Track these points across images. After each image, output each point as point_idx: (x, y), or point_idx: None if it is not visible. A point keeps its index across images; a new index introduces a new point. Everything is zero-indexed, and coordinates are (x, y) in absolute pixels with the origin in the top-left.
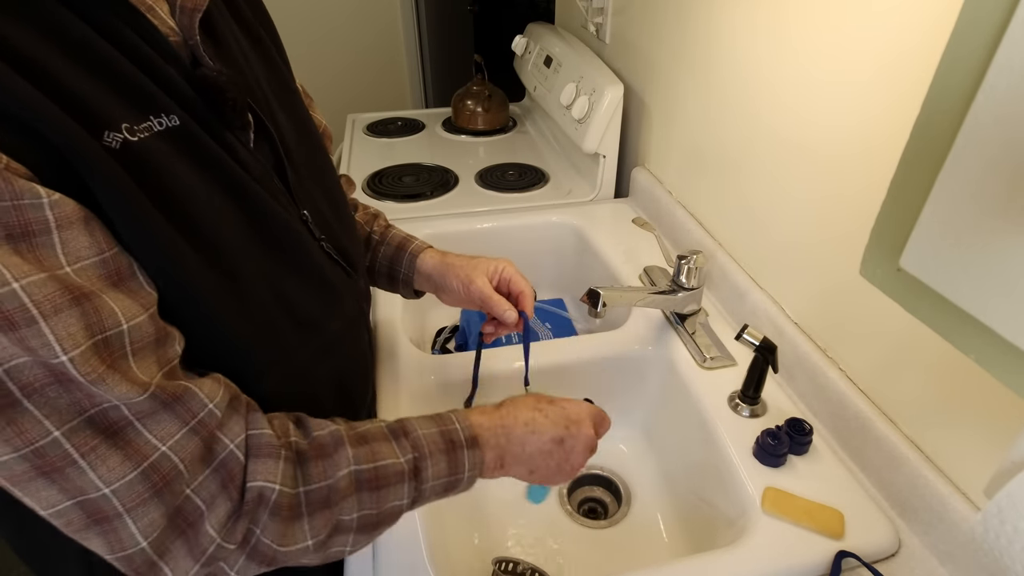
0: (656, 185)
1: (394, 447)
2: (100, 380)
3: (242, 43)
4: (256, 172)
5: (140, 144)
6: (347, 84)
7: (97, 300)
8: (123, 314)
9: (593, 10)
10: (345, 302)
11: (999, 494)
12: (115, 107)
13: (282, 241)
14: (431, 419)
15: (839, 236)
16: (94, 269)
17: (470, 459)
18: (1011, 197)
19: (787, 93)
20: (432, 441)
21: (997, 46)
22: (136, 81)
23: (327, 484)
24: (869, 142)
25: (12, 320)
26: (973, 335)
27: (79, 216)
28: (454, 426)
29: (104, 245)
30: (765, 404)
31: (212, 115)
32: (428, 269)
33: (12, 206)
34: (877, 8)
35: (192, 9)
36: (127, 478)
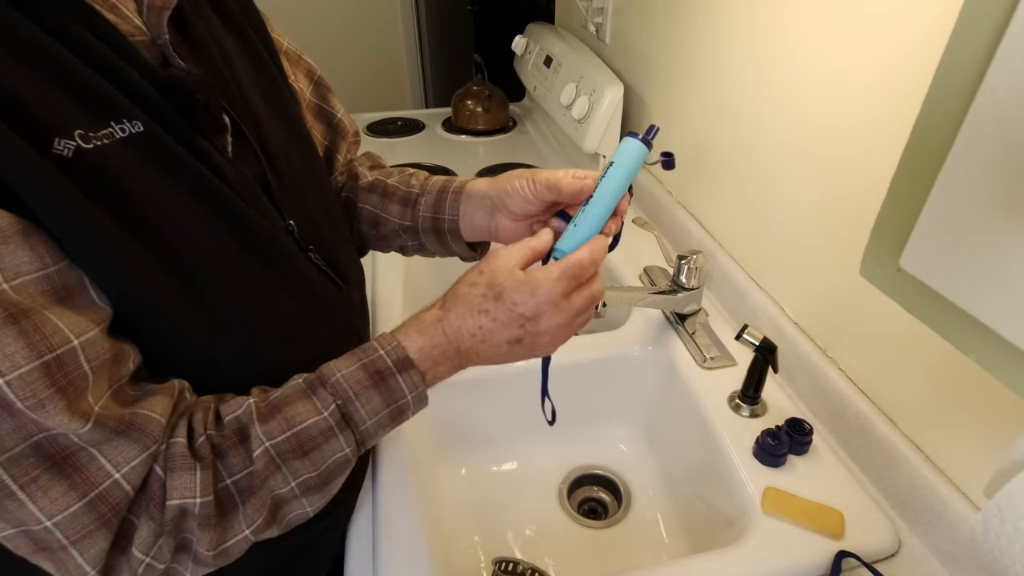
0: (656, 185)
1: (314, 403)
2: (40, 406)
3: (224, 42)
4: (234, 180)
5: (96, 152)
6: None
7: (38, 317)
8: (70, 330)
9: (593, 10)
10: (334, 316)
11: (999, 494)
12: (67, 113)
13: (263, 252)
14: (352, 354)
15: (839, 236)
16: (36, 285)
17: (407, 382)
18: (1011, 197)
19: (787, 93)
20: (355, 380)
21: (997, 46)
22: (92, 85)
23: (248, 471)
24: (869, 142)
25: None
26: (973, 335)
27: (16, 230)
28: (377, 354)
29: (48, 259)
30: (765, 404)
31: (182, 119)
32: (481, 188)
33: None
34: (876, 8)
35: (160, 7)
36: (70, 510)
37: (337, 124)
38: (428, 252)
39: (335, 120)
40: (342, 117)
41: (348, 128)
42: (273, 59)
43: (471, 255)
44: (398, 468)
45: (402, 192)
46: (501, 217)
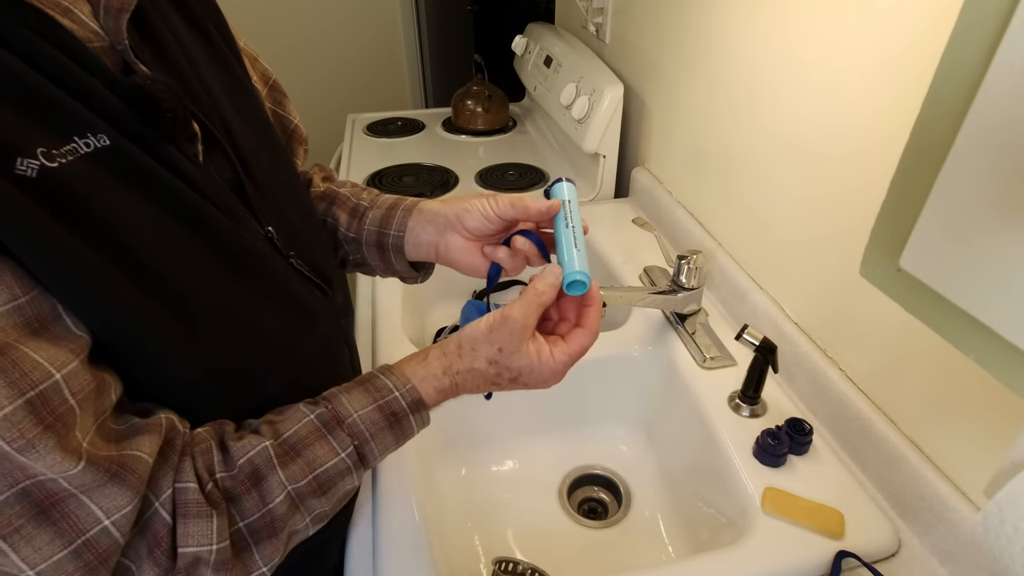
0: (656, 185)
1: (331, 444)
2: (29, 447)
3: (189, 43)
4: (207, 189)
5: (61, 170)
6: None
7: (14, 352)
8: (50, 364)
9: (593, 10)
10: (321, 323)
11: (999, 494)
12: (27, 130)
13: (244, 264)
14: (365, 391)
15: (839, 236)
16: (7, 318)
17: (418, 422)
18: (1011, 197)
19: (787, 93)
20: (371, 422)
21: (997, 46)
22: (51, 98)
23: (266, 510)
24: (869, 142)
25: None
26: (973, 335)
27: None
28: (393, 396)
29: (18, 290)
30: (765, 404)
31: (149, 130)
32: (435, 206)
33: None
34: (876, 9)
35: (118, 9)
36: (54, 558)
37: (293, 131)
38: (367, 269)
39: (291, 127)
40: (298, 123)
41: (303, 135)
42: (237, 59)
43: (412, 275)
44: (398, 468)
45: (352, 203)
46: (453, 235)
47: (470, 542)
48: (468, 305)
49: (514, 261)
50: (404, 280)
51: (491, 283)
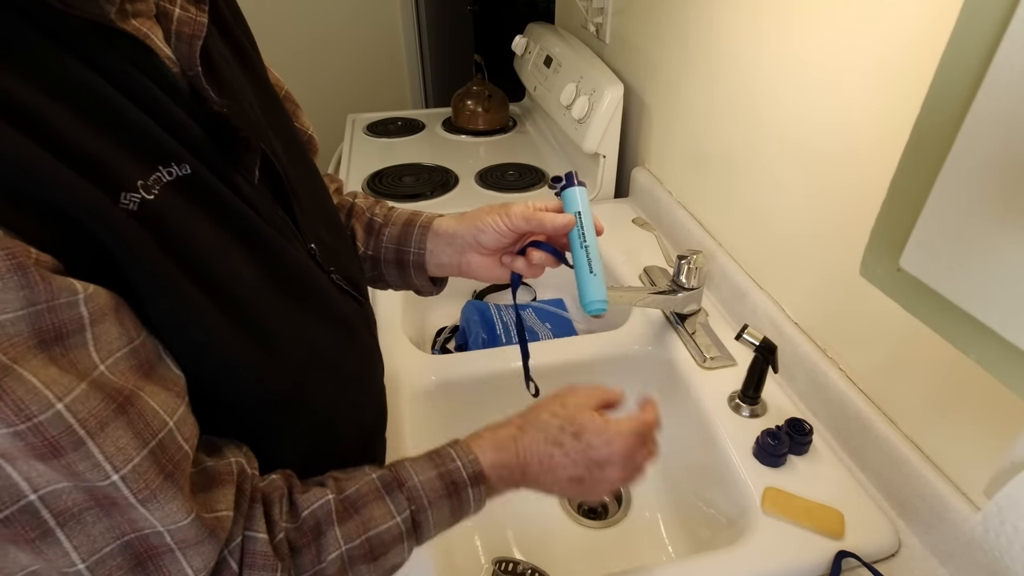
0: (656, 185)
1: (388, 505)
2: (152, 498)
3: (230, 61)
4: (263, 210)
5: (156, 202)
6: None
7: (139, 402)
8: (164, 410)
9: (593, 10)
10: (360, 335)
11: (999, 494)
12: (127, 163)
13: (297, 283)
14: (429, 460)
15: (839, 236)
16: (125, 361)
17: (475, 496)
18: (1011, 197)
19: (787, 93)
20: (431, 489)
21: (997, 46)
22: (144, 129)
23: (319, 568)
24: (869, 142)
25: (58, 446)
26: (973, 335)
27: (111, 306)
28: (455, 464)
29: (133, 332)
30: (765, 404)
31: (220, 155)
32: (450, 227)
33: (47, 308)
34: (875, 9)
35: (191, 35)
36: None
37: (307, 142)
38: (383, 284)
39: (305, 138)
40: (312, 134)
41: (316, 146)
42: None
43: (433, 290)
44: None
45: (366, 218)
46: (472, 254)
47: (470, 542)
48: (468, 305)
49: (532, 270)
50: (420, 293)
51: (515, 289)
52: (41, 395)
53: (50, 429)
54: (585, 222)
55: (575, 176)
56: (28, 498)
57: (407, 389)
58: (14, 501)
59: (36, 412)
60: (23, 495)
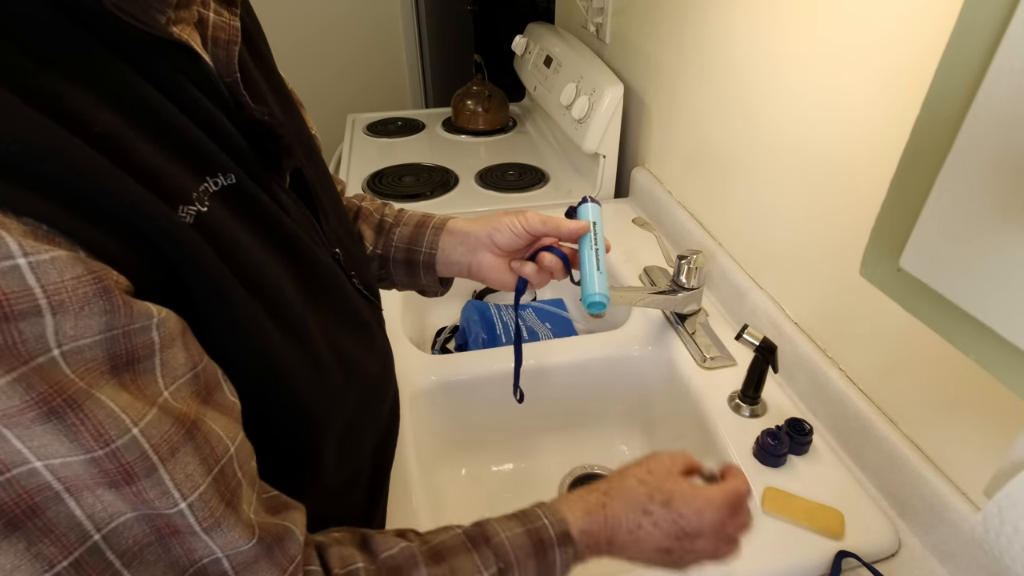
0: (656, 185)
1: (475, 559)
2: (216, 525)
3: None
4: (295, 216)
5: (208, 214)
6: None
7: (204, 427)
8: (226, 435)
9: (593, 10)
10: (378, 339)
11: (999, 494)
12: (182, 177)
13: (327, 290)
14: (515, 518)
15: (839, 236)
16: (188, 387)
17: (562, 558)
18: (1011, 197)
19: (787, 92)
20: (518, 546)
21: (997, 46)
22: (194, 139)
23: None
24: (870, 143)
25: (132, 473)
26: (973, 335)
27: (179, 331)
28: (542, 523)
29: (197, 357)
30: (765, 404)
31: (264, 164)
32: (464, 226)
33: (122, 333)
34: (876, 11)
35: (228, 41)
36: None
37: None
38: (388, 284)
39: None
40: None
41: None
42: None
43: (439, 290)
44: (399, 468)
45: (376, 219)
46: (484, 253)
47: None
48: (468, 305)
49: (540, 276)
50: (426, 294)
51: (519, 295)
52: (119, 420)
53: (126, 455)
54: (598, 231)
55: (591, 197)
56: (93, 539)
57: (407, 389)
58: (81, 542)
59: (114, 437)
60: (88, 536)
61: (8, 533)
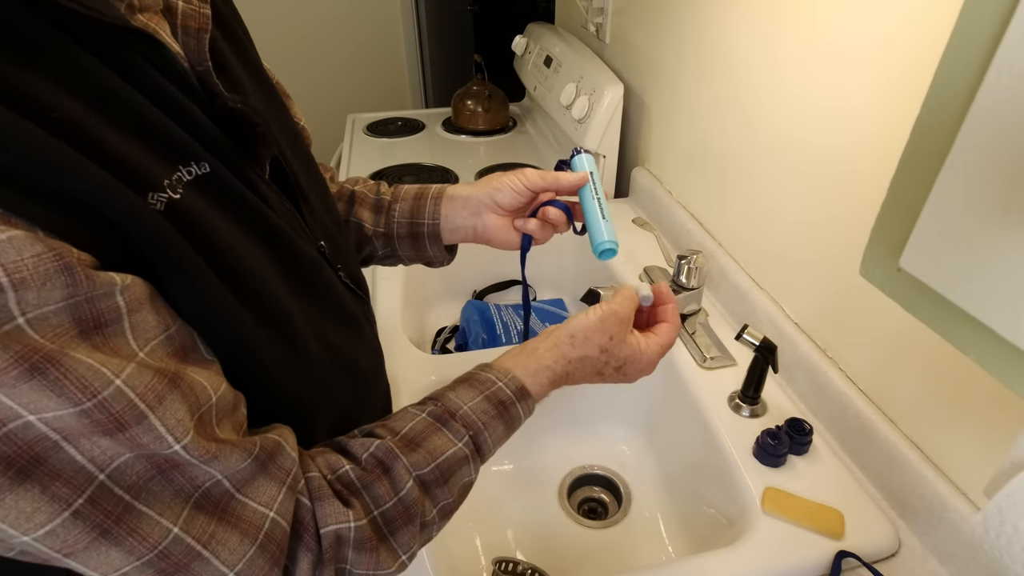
0: (656, 185)
1: (447, 435)
2: (213, 458)
3: (230, 55)
4: (276, 207)
5: (180, 201)
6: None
7: (187, 377)
8: (209, 385)
9: (593, 10)
10: (365, 332)
11: (999, 494)
12: (153, 164)
13: (310, 280)
14: (468, 385)
15: (839, 236)
16: (163, 347)
17: (524, 408)
18: (1011, 197)
19: (787, 92)
20: (482, 412)
21: (997, 46)
22: (164, 128)
23: (397, 498)
24: (869, 144)
25: (122, 420)
26: (973, 335)
27: (146, 295)
28: (496, 386)
29: (169, 320)
30: (765, 404)
31: (236, 152)
32: (464, 191)
33: (84, 299)
34: (876, 11)
35: (198, 29)
36: (247, 555)
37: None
38: (394, 260)
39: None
40: (304, 126)
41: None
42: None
43: (446, 258)
44: None
45: (372, 199)
46: (488, 215)
47: (470, 542)
48: (468, 305)
49: (544, 231)
50: (432, 265)
51: (524, 252)
52: (100, 373)
53: (114, 405)
54: (596, 180)
55: (581, 148)
56: (99, 478)
57: (407, 389)
58: (89, 482)
59: (99, 389)
60: (94, 477)
61: (22, 480)
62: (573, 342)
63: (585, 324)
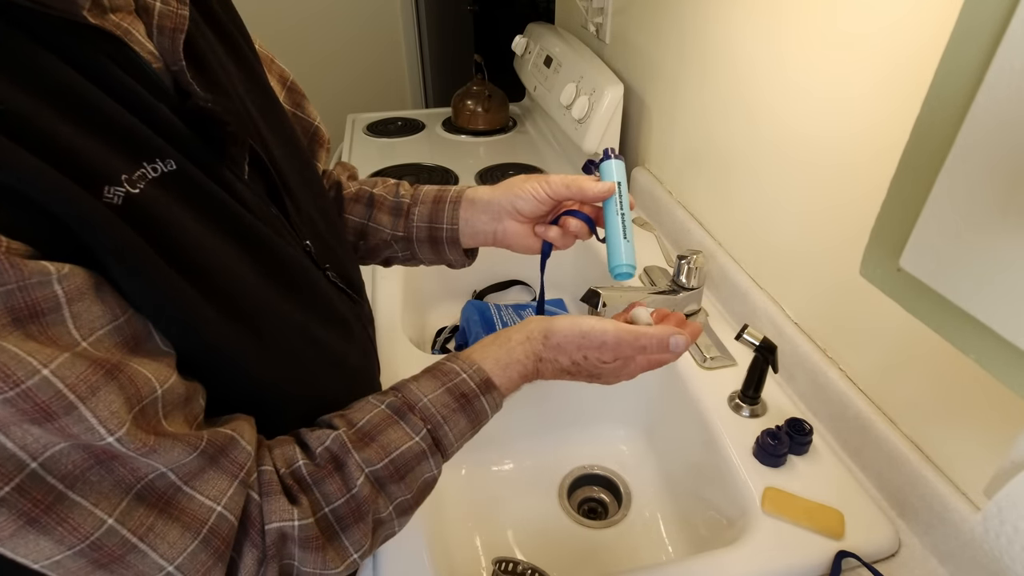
0: (656, 185)
1: (404, 428)
2: (152, 451)
3: (220, 55)
4: (254, 206)
5: (140, 196)
6: (347, 84)
7: (128, 369)
8: (155, 378)
9: (593, 10)
10: (355, 331)
11: (999, 494)
12: (109, 158)
13: (291, 280)
14: (432, 376)
15: (839, 236)
16: (110, 338)
17: (490, 402)
18: (1011, 197)
19: (787, 93)
20: (443, 404)
21: (997, 46)
22: (125, 125)
23: (349, 495)
24: (871, 143)
25: (49, 410)
26: (973, 335)
27: (89, 285)
28: (460, 377)
29: (118, 310)
30: (765, 404)
31: (207, 151)
32: (485, 194)
33: (17, 288)
34: (875, 11)
35: (173, 28)
36: (188, 549)
37: (315, 133)
38: (416, 262)
39: (312, 128)
40: (319, 125)
41: (324, 136)
42: (258, 64)
43: (465, 262)
44: None
45: (391, 202)
46: (508, 221)
47: (470, 542)
48: (468, 305)
49: (565, 240)
50: (453, 267)
51: (545, 258)
52: (25, 362)
53: (39, 394)
54: (623, 191)
55: (613, 151)
56: (31, 466)
57: None
58: (19, 470)
59: (23, 378)
60: (25, 464)
61: None
62: (546, 343)
63: (566, 331)
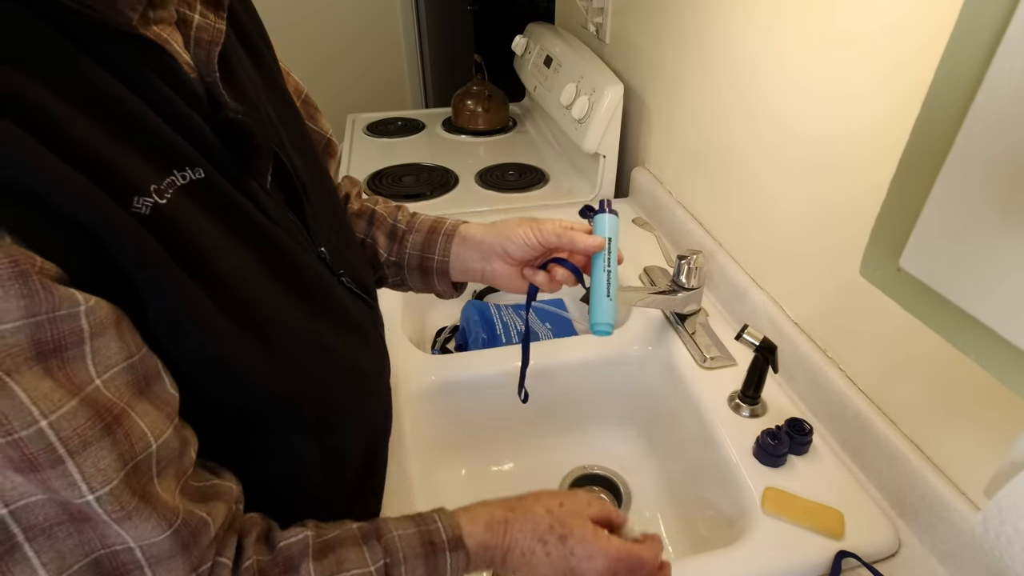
0: (656, 185)
1: (363, 552)
2: (127, 518)
3: (247, 66)
4: (274, 214)
5: (168, 206)
6: (347, 84)
7: (128, 422)
8: (151, 432)
9: (593, 10)
10: (370, 336)
11: (999, 494)
12: (141, 167)
13: (307, 288)
14: (411, 518)
15: (839, 236)
16: (123, 376)
17: (453, 562)
18: (1011, 197)
19: (787, 93)
20: (408, 544)
21: (997, 46)
22: (160, 133)
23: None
24: (870, 142)
25: (35, 462)
26: (973, 335)
27: (112, 319)
28: (435, 526)
29: (133, 347)
30: (765, 404)
31: (235, 161)
32: (477, 233)
33: (47, 319)
34: (875, 10)
35: (210, 41)
36: None
37: (327, 146)
38: (404, 288)
39: (324, 141)
40: (331, 138)
41: (335, 149)
42: (278, 69)
43: (454, 294)
44: (398, 469)
45: (389, 224)
46: (497, 262)
47: None
48: (468, 305)
49: (552, 285)
50: (441, 297)
51: (530, 300)
52: (26, 411)
53: (30, 445)
54: (612, 248)
55: (609, 204)
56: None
57: (407, 389)
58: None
59: (17, 428)
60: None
61: None
62: (523, 497)
63: (542, 491)
